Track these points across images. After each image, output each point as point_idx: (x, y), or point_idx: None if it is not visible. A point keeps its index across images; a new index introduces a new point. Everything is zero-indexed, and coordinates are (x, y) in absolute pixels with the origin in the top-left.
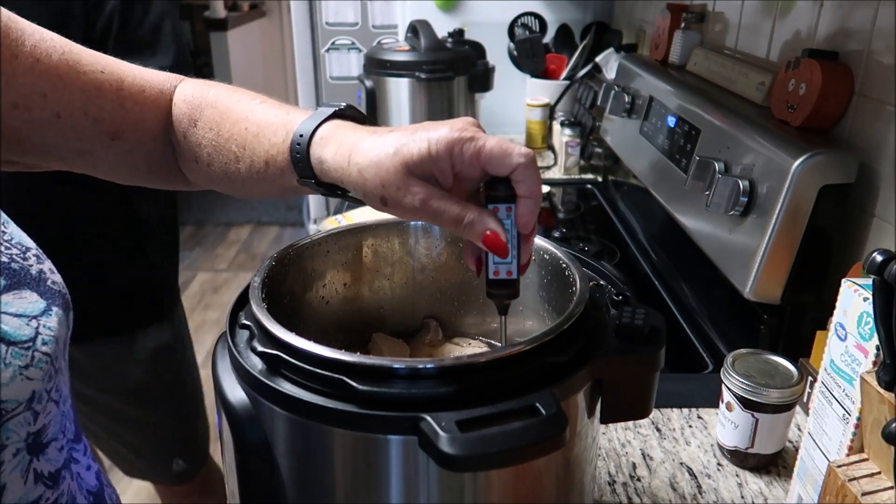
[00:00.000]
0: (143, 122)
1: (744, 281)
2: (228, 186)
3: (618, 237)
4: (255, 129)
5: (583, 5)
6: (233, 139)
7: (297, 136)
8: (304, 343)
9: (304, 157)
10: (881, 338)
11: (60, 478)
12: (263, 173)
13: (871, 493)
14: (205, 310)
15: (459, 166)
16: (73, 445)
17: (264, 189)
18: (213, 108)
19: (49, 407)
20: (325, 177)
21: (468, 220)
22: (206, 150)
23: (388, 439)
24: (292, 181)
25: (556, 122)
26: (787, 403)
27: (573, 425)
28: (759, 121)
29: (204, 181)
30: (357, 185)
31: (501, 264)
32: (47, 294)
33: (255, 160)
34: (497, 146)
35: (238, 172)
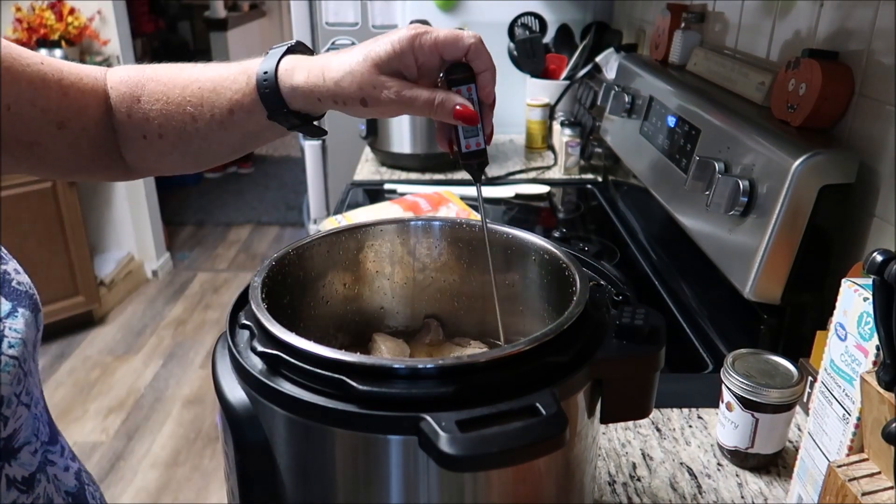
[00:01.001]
0: (86, 108)
1: (744, 281)
2: (182, 153)
3: (618, 237)
4: (210, 84)
5: (583, 5)
6: (186, 101)
7: (262, 74)
8: (304, 343)
9: (274, 90)
10: (881, 338)
11: (35, 481)
12: (227, 122)
13: (871, 493)
14: (205, 310)
15: (421, 57)
16: (49, 448)
17: (225, 140)
18: (155, 82)
19: (20, 411)
20: (296, 103)
21: (438, 101)
22: (157, 122)
23: (388, 439)
24: (260, 122)
25: (556, 122)
26: (787, 403)
27: (573, 425)
28: (759, 121)
29: (152, 158)
30: (336, 95)
31: (471, 138)
32: (12, 295)
33: (215, 112)
34: (449, 33)
35: (196, 132)
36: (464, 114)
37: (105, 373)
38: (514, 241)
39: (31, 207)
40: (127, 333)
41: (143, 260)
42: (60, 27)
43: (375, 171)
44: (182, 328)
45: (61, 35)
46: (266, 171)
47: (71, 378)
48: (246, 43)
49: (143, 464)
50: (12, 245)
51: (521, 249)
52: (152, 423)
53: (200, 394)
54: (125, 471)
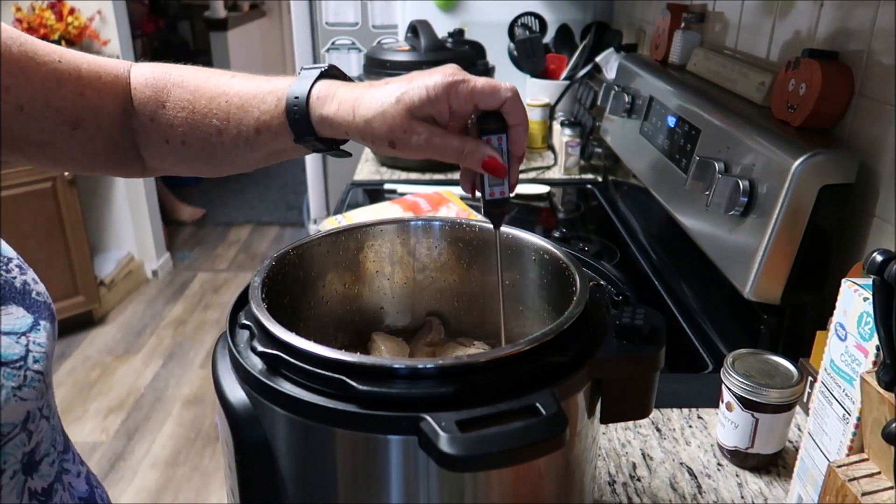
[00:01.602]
0: (103, 108)
1: (744, 281)
2: (205, 163)
3: (618, 237)
4: (238, 101)
5: (583, 5)
6: (212, 114)
7: (293, 99)
8: (304, 343)
9: (304, 116)
10: (881, 338)
11: (53, 491)
12: (253, 141)
13: (871, 493)
14: (205, 310)
15: (455, 105)
16: (63, 456)
17: (249, 157)
18: (181, 88)
19: (41, 425)
20: (325, 132)
21: (468, 151)
22: (181, 130)
23: (388, 439)
24: (286, 143)
25: (556, 122)
26: (787, 403)
27: (573, 425)
28: (759, 121)
29: (172, 162)
30: (365, 133)
31: (496, 186)
32: (33, 307)
33: (242, 130)
34: (486, 84)
35: (221, 145)
36: (492, 165)
37: (105, 373)
38: (514, 241)
39: (31, 207)
40: (127, 333)
41: (143, 260)
42: (60, 27)
43: (375, 171)
44: (182, 328)
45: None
46: (266, 171)
47: (71, 378)
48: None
49: (143, 464)
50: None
51: (521, 249)
52: (152, 423)
53: (200, 394)
54: (125, 471)
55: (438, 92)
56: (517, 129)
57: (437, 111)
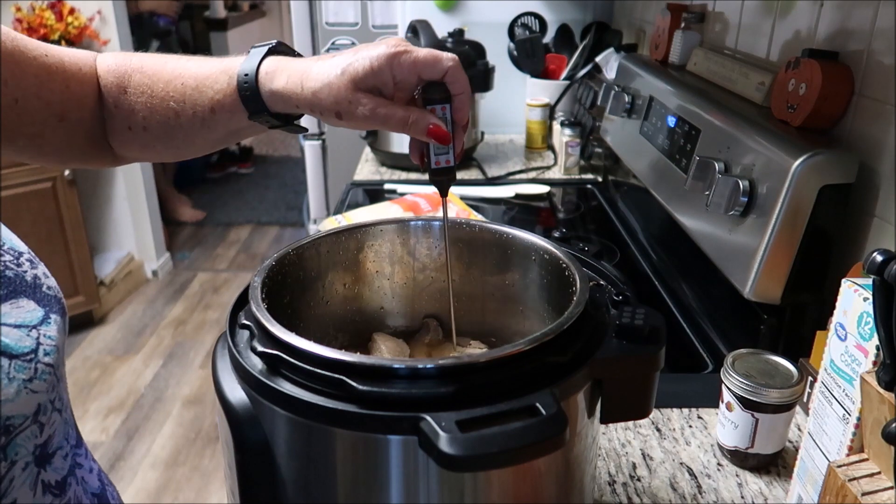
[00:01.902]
0: (84, 99)
1: (744, 281)
2: (166, 146)
3: (618, 237)
4: (193, 82)
5: (583, 5)
6: (169, 97)
7: (243, 76)
8: (304, 343)
9: (254, 92)
10: (881, 338)
11: (66, 485)
12: (209, 121)
13: (871, 493)
14: (205, 310)
15: (399, 76)
16: (76, 451)
17: (207, 137)
18: (141, 73)
19: (53, 417)
20: (276, 106)
21: (413, 119)
22: (141, 115)
23: (388, 439)
24: (241, 121)
25: (556, 122)
26: (787, 403)
27: (573, 425)
28: (759, 121)
29: (136, 149)
30: (313, 105)
31: (442, 154)
32: (44, 301)
33: (197, 110)
34: (429, 54)
35: (180, 127)
36: (437, 133)
37: (105, 373)
38: (514, 241)
39: (31, 207)
40: (127, 333)
41: (143, 260)
42: (60, 27)
43: (375, 171)
44: (182, 328)
45: (61, 35)
46: (266, 171)
47: (71, 378)
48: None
49: (143, 464)
50: None
51: (521, 249)
52: (152, 423)
53: (200, 394)
54: (125, 471)
55: (381, 62)
56: (460, 98)
57: (382, 82)
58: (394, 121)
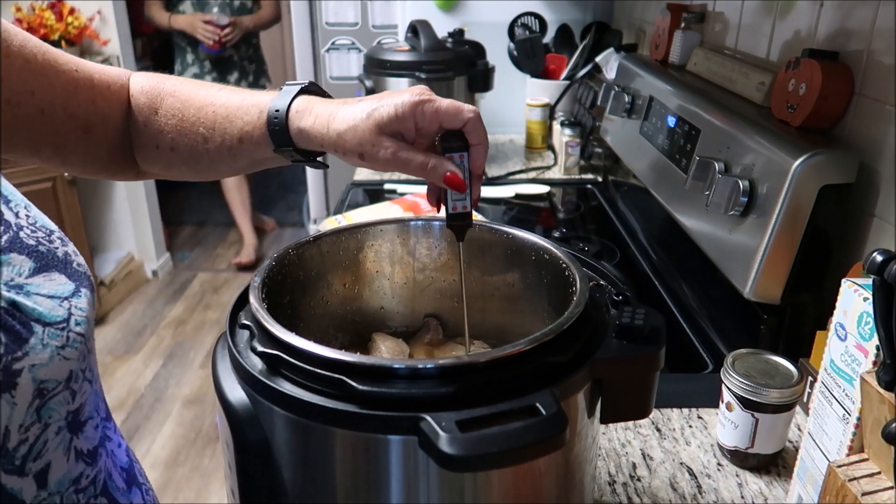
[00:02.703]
0: (111, 115)
1: (744, 281)
2: (190, 168)
3: (618, 237)
4: (224, 111)
5: (583, 5)
6: (199, 123)
7: (273, 111)
8: (304, 343)
9: (283, 128)
10: (881, 338)
11: (97, 455)
12: (236, 150)
13: (871, 493)
14: (205, 310)
15: (421, 123)
16: (106, 423)
17: (232, 165)
18: (173, 97)
19: (84, 386)
20: (302, 144)
21: (431, 165)
22: (170, 136)
23: (388, 439)
24: (266, 153)
25: (556, 122)
26: (787, 403)
27: (573, 425)
28: (759, 121)
29: (161, 167)
30: (337, 146)
31: (458, 201)
32: (74, 276)
33: (226, 139)
34: (451, 105)
35: (206, 152)
36: (453, 180)
37: (105, 373)
38: (514, 241)
39: None
40: (127, 333)
41: (143, 260)
42: (60, 27)
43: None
44: (182, 328)
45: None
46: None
47: None
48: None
49: (143, 464)
50: None
51: (521, 249)
52: (152, 423)
53: (200, 394)
54: None
55: (406, 110)
56: (477, 149)
57: (405, 128)
58: (413, 165)
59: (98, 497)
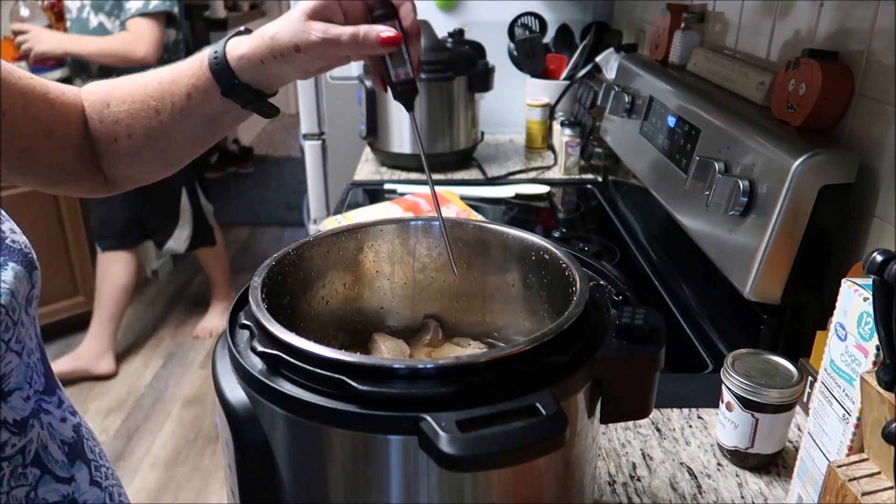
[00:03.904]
0: (70, 119)
1: (744, 281)
2: (150, 149)
3: (618, 237)
4: (169, 76)
5: (583, 5)
6: (149, 97)
7: (212, 53)
8: (304, 343)
9: (223, 64)
10: (881, 338)
11: (28, 426)
12: (186, 108)
13: (871, 493)
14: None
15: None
16: (43, 397)
17: (186, 129)
18: (122, 88)
19: (9, 357)
20: (245, 74)
21: (363, 32)
22: (125, 122)
23: (388, 439)
24: (216, 105)
25: (556, 122)
26: (787, 403)
27: (573, 425)
28: (759, 121)
29: (124, 162)
30: (273, 49)
31: (399, 68)
32: (5, 252)
33: (175, 101)
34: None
35: (160, 125)
36: (388, 40)
37: None
38: (514, 241)
39: (31, 207)
40: (127, 333)
41: (143, 260)
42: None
43: (375, 171)
44: (182, 328)
45: None
46: (266, 171)
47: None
48: None
49: (143, 464)
50: None
51: (521, 249)
52: (152, 423)
53: (200, 394)
54: (125, 471)
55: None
56: (405, 6)
57: (333, 13)
58: (345, 38)
59: (28, 467)
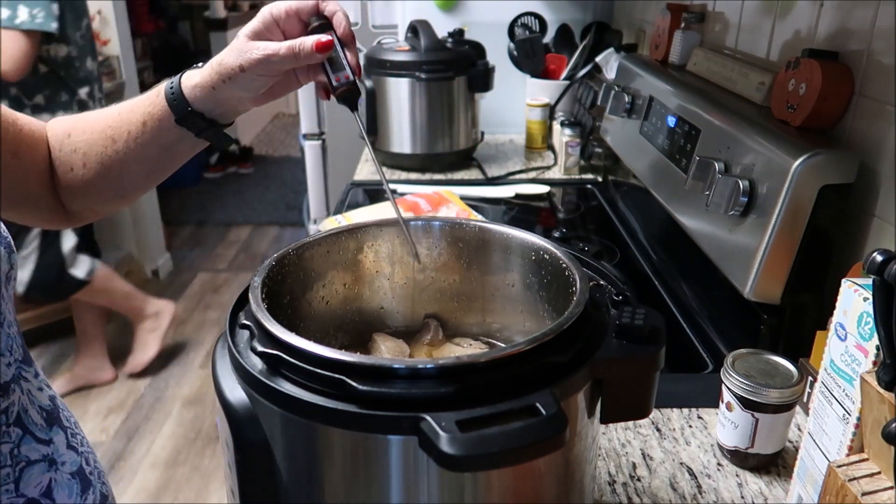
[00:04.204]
0: (36, 145)
1: (744, 281)
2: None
3: (618, 237)
4: (128, 107)
5: (583, 5)
6: (107, 127)
7: (169, 84)
8: (304, 343)
9: (178, 93)
10: (881, 338)
11: (10, 390)
12: (141, 136)
13: (871, 493)
14: (205, 310)
15: (282, 23)
16: (22, 366)
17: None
18: (85, 120)
19: None
20: (198, 102)
21: (299, 43)
22: (82, 151)
23: (388, 439)
24: (171, 133)
25: (556, 122)
26: (787, 403)
27: (573, 425)
28: (759, 121)
29: (80, 193)
30: (221, 73)
31: (339, 72)
32: None
33: (131, 129)
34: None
35: (116, 154)
36: (322, 45)
37: None
38: (514, 241)
39: None
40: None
41: (143, 260)
42: None
43: (375, 171)
44: (182, 328)
45: None
46: (266, 171)
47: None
48: None
49: (143, 464)
50: None
51: (521, 249)
52: (152, 423)
53: (200, 394)
54: (125, 471)
55: (265, 14)
56: (337, 16)
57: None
58: (283, 50)
59: (11, 426)
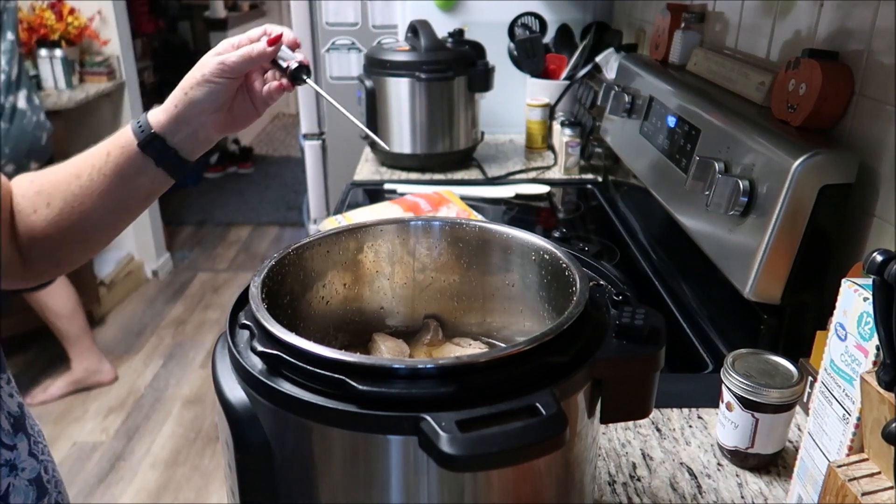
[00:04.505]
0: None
1: (744, 281)
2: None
3: (618, 237)
4: (94, 148)
5: (583, 5)
6: (72, 166)
7: (136, 122)
8: (304, 343)
9: (144, 121)
10: (881, 338)
11: None
12: (104, 168)
13: (871, 493)
14: (205, 310)
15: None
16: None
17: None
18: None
19: None
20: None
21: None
22: (47, 191)
23: (388, 439)
24: (134, 164)
25: (556, 122)
26: (787, 403)
27: (573, 425)
28: (759, 121)
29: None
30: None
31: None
32: None
33: (95, 162)
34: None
35: (79, 190)
36: (273, 39)
37: None
38: (514, 241)
39: None
40: (127, 333)
41: (143, 260)
42: (60, 27)
43: (375, 171)
44: (182, 328)
45: (61, 35)
46: (266, 171)
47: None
48: None
49: (143, 464)
50: None
51: (521, 249)
52: (152, 423)
53: (200, 394)
54: (125, 471)
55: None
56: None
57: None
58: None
59: None
